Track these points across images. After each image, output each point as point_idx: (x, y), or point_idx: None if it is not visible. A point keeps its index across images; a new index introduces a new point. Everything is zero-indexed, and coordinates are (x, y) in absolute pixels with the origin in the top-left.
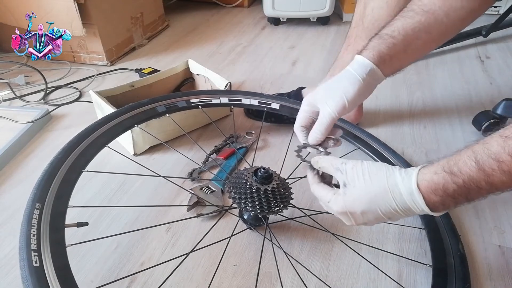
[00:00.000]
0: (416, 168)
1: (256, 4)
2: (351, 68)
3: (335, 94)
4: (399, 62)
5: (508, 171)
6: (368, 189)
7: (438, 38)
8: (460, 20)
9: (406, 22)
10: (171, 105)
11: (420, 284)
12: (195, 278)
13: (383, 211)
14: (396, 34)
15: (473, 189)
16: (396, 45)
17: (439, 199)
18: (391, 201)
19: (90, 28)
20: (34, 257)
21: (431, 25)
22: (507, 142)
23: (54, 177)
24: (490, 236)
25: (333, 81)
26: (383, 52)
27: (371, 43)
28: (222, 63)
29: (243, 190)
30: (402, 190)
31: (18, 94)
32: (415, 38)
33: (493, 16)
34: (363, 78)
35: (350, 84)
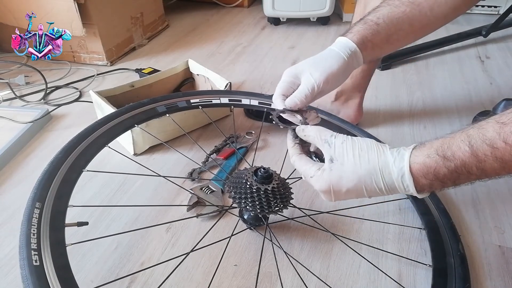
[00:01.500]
0: (408, 149)
1: (256, 4)
2: (334, 47)
3: (319, 66)
4: (380, 50)
5: (500, 158)
6: (357, 168)
7: (420, 30)
8: (443, 16)
9: (392, 11)
10: (171, 105)
11: (420, 284)
12: (195, 278)
13: (368, 189)
14: (381, 22)
15: (463, 174)
16: (379, 32)
17: (428, 182)
18: (380, 181)
19: (90, 28)
20: (34, 256)
21: (415, 17)
22: (503, 129)
23: (54, 177)
24: (490, 236)
25: (316, 57)
26: (366, 38)
27: (356, 27)
28: (222, 63)
29: (243, 190)
30: (392, 171)
31: (18, 94)
32: (398, 28)
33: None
34: (347, 57)
35: (334, 61)
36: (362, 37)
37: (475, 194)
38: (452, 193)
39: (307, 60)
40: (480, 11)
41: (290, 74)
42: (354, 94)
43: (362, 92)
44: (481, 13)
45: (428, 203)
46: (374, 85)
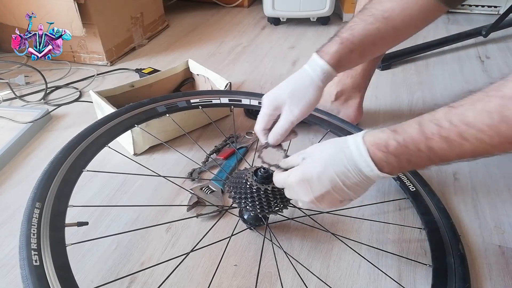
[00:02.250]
0: (364, 131)
1: (256, 4)
2: (313, 72)
3: (299, 100)
4: (352, 64)
5: (446, 136)
6: (323, 153)
7: (391, 43)
8: (414, 27)
9: (366, 29)
10: (171, 105)
11: (420, 284)
12: (195, 278)
13: (337, 171)
14: (356, 41)
15: (413, 151)
16: (354, 51)
17: (383, 155)
18: (343, 157)
19: (90, 28)
20: (34, 256)
21: (388, 32)
22: (451, 111)
23: (54, 177)
24: (490, 236)
25: (297, 83)
26: (342, 58)
27: (332, 46)
28: (222, 63)
29: (243, 190)
30: (350, 146)
31: (18, 94)
32: (372, 44)
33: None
34: (324, 84)
35: (312, 91)
36: (339, 58)
37: (475, 194)
38: (452, 193)
39: (286, 89)
40: (480, 11)
41: (271, 106)
42: (354, 94)
43: (362, 92)
44: (481, 13)
45: (428, 203)
46: (374, 85)
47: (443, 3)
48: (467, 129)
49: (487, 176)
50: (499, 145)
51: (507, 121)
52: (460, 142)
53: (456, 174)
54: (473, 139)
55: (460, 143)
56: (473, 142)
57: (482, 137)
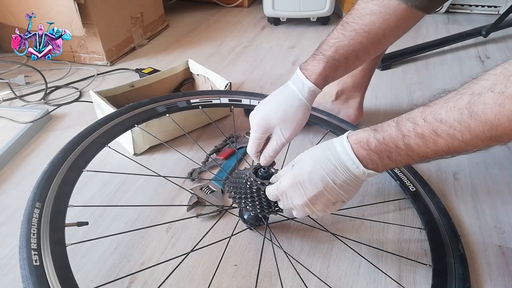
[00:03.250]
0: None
1: (256, 4)
2: (302, 95)
3: (290, 123)
4: (336, 79)
5: (421, 133)
6: (312, 155)
7: (373, 55)
8: (395, 37)
9: (349, 44)
10: (171, 105)
11: (420, 284)
12: (195, 278)
13: (326, 170)
14: (341, 58)
15: (392, 148)
16: (339, 68)
17: (365, 153)
18: (330, 156)
19: (90, 28)
20: (34, 256)
21: (369, 45)
22: (425, 109)
23: (54, 177)
24: (490, 236)
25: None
26: (328, 77)
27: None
28: (222, 63)
29: (243, 190)
30: (336, 145)
31: (18, 94)
32: (356, 58)
33: (493, 16)
34: (309, 102)
35: (302, 113)
36: (325, 78)
37: (475, 194)
38: (452, 193)
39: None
40: (480, 11)
41: (260, 130)
42: (354, 93)
43: (363, 92)
44: (481, 13)
45: (428, 203)
46: (374, 85)
47: (421, 11)
48: (439, 125)
49: (487, 176)
50: (470, 141)
51: (475, 117)
52: (434, 139)
53: (456, 174)
54: (446, 135)
55: (434, 140)
56: (446, 138)
57: (454, 133)
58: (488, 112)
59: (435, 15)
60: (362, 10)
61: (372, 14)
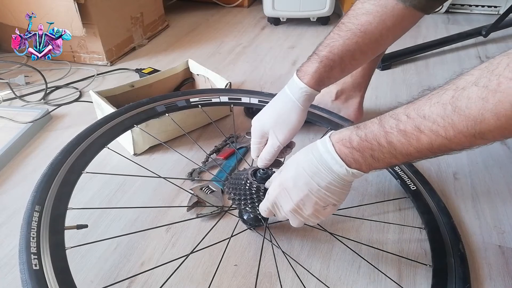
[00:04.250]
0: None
1: (256, 4)
2: (295, 97)
3: (283, 126)
4: (334, 81)
5: (403, 130)
6: (294, 159)
7: (371, 55)
8: (393, 37)
9: (345, 44)
10: (170, 104)
11: (420, 284)
12: (195, 278)
13: (309, 172)
14: (336, 58)
15: (375, 145)
16: (334, 68)
17: (348, 151)
18: (311, 157)
19: (90, 28)
20: (34, 260)
21: (366, 45)
22: (408, 106)
23: (53, 179)
24: (490, 236)
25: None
26: (323, 77)
27: (312, 66)
28: (222, 63)
29: (242, 191)
30: (318, 145)
31: (18, 94)
32: (352, 59)
33: (493, 16)
34: (306, 106)
35: (295, 116)
36: (319, 78)
37: (475, 194)
38: (452, 193)
39: (271, 116)
40: (480, 11)
41: (258, 134)
42: (354, 93)
43: (363, 91)
44: (481, 13)
45: (429, 202)
46: (374, 85)
47: (419, 11)
48: (422, 121)
49: (487, 176)
50: (454, 138)
51: (459, 112)
52: (417, 135)
53: (456, 174)
54: (429, 131)
55: (417, 136)
56: (429, 134)
57: (437, 129)
58: (472, 106)
59: (435, 15)
60: (358, 10)
61: (368, 14)
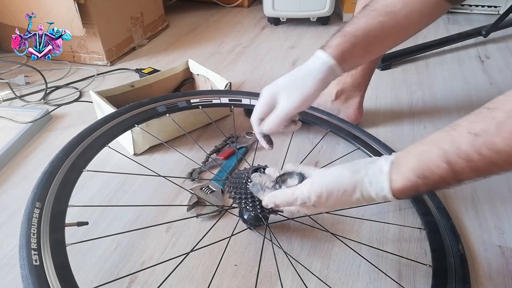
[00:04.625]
0: (386, 175)
1: (256, 4)
2: (313, 64)
3: (296, 89)
4: (358, 60)
5: (476, 168)
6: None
7: (396, 39)
8: (417, 23)
9: (369, 23)
10: (171, 105)
11: (420, 284)
12: (195, 278)
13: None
14: (359, 34)
15: (441, 186)
16: (357, 44)
17: (406, 196)
18: (359, 195)
19: (90, 28)
20: (34, 256)
21: (391, 27)
22: (476, 140)
23: (54, 177)
24: (490, 236)
25: (295, 75)
26: (346, 51)
27: (335, 40)
28: (222, 63)
29: (243, 190)
30: (371, 193)
31: (18, 94)
32: (375, 39)
33: (493, 16)
34: (324, 76)
35: (311, 81)
36: (342, 51)
37: (475, 194)
38: (452, 193)
39: (285, 79)
40: (480, 11)
41: (268, 95)
42: (354, 93)
43: (363, 92)
44: (481, 13)
45: (428, 203)
46: (374, 85)
47: (446, 1)
48: (498, 157)
49: None
50: None
51: None
52: (490, 169)
53: None
54: (504, 163)
55: (489, 170)
56: (502, 166)
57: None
58: None
59: None
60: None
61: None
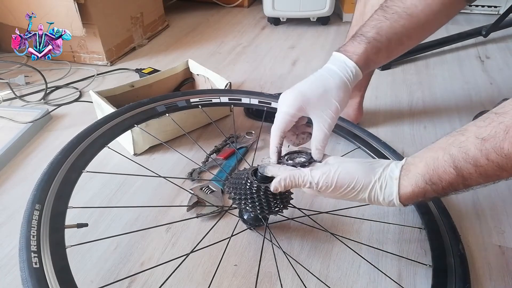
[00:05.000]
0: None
1: (256, 4)
2: (344, 75)
3: (329, 102)
4: (376, 66)
5: (484, 173)
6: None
7: (416, 41)
8: (438, 23)
9: (392, 27)
10: (171, 104)
11: (420, 284)
12: (195, 278)
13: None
14: (383, 40)
15: (449, 191)
16: (381, 50)
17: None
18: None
19: (90, 28)
20: (34, 258)
21: (413, 29)
22: (484, 145)
23: (54, 178)
24: (490, 236)
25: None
26: (370, 59)
27: (361, 47)
28: (222, 63)
29: (243, 190)
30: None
31: (18, 94)
32: (398, 43)
33: (493, 16)
34: (351, 82)
35: (344, 94)
36: (367, 60)
37: (475, 194)
38: None
39: (316, 89)
40: (480, 11)
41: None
42: (354, 93)
43: (363, 92)
44: (481, 13)
45: (429, 203)
46: (374, 85)
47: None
48: (506, 161)
49: None
50: None
51: None
52: (498, 174)
53: None
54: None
55: (497, 175)
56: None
57: None
58: None
59: None
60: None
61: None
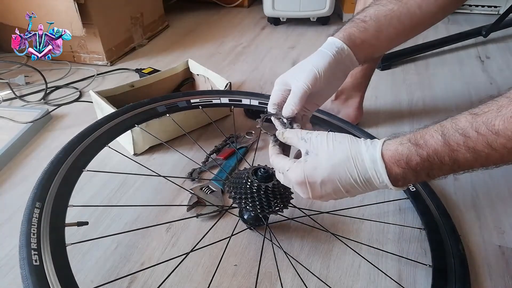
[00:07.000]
0: (382, 139)
1: (256, 4)
2: (321, 47)
3: (305, 68)
4: (371, 48)
5: (473, 147)
6: (331, 157)
7: (410, 29)
8: (432, 14)
9: (379, 9)
10: (171, 105)
11: (420, 284)
12: (195, 278)
13: (343, 181)
14: (368, 19)
15: (436, 164)
16: (367, 29)
17: (401, 171)
18: (353, 170)
19: (90, 28)
20: (34, 256)
21: (403, 15)
22: (475, 119)
23: (54, 177)
24: (490, 236)
25: (303, 60)
26: (353, 34)
27: (343, 27)
28: (222, 63)
29: (243, 189)
30: (365, 158)
31: (18, 94)
32: (388, 25)
33: (493, 16)
34: (333, 54)
35: (320, 58)
36: (349, 34)
37: (475, 194)
38: (452, 193)
39: (296, 66)
40: (480, 11)
41: (280, 82)
42: (354, 93)
43: (362, 92)
44: (481, 13)
45: (428, 203)
46: (374, 85)
47: None
48: (496, 138)
49: (487, 176)
50: None
51: None
52: (488, 152)
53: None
54: (502, 148)
55: (487, 153)
56: (501, 151)
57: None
58: None
59: None
60: None
61: None
